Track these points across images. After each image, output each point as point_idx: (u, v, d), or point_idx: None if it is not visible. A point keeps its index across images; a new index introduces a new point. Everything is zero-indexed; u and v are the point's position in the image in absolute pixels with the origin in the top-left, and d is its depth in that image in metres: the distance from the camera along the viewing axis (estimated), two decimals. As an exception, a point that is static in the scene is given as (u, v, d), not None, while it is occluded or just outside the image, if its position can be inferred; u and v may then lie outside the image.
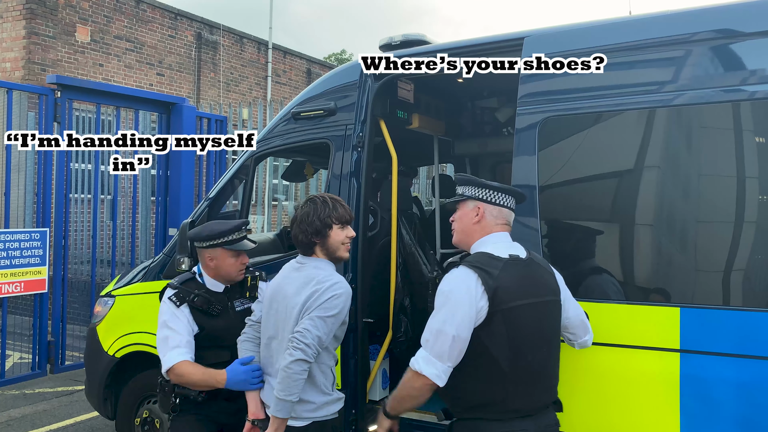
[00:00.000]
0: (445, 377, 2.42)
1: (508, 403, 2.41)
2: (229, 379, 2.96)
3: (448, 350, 2.39)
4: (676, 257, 2.97)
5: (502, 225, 2.63)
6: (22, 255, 6.54)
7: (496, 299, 2.39)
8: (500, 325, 2.40)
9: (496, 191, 2.64)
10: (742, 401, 2.69)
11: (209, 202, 4.28)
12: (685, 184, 2.98)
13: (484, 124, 5.31)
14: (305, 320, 2.72)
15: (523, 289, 2.46)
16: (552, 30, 3.41)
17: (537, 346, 2.46)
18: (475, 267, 2.44)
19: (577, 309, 2.78)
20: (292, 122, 4.12)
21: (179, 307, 3.12)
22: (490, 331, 2.40)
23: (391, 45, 4.00)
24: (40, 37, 12.18)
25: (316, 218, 2.86)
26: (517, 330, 2.42)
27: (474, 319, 2.39)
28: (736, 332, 2.71)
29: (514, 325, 2.41)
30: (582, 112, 3.16)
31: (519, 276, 2.48)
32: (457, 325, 2.38)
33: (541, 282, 2.55)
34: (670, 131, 3.02)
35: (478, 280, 2.41)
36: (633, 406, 2.90)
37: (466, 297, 2.39)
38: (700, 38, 2.96)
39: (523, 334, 2.42)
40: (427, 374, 2.41)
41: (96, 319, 4.76)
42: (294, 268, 2.93)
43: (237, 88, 16.94)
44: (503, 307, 2.40)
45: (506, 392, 2.41)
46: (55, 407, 6.15)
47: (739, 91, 2.84)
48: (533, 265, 2.57)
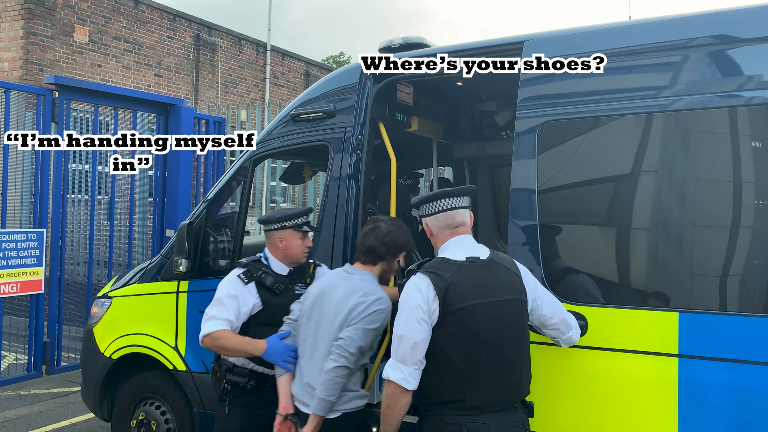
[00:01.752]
0: (413, 380, 2.49)
1: (467, 400, 2.46)
2: (267, 348, 3.15)
3: (409, 354, 2.48)
4: (674, 262, 2.97)
5: (453, 229, 2.70)
6: (19, 255, 6.52)
7: (446, 300, 2.47)
8: (452, 325, 2.48)
9: (425, 203, 2.77)
10: (740, 406, 2.69)
11: (207, 204, 4.27)
12: (683, 189, 2.98)
13: (483, 128, 5.31)
14: (350, 329, 2.92)
15: (476, 290, 2.52)
16: (552, 34, 3.41)
17: (493, 344, 2.49)
18: (428, 272, 2.55)
19: (555, 306, 2.81)
20: (291, 124, 4.12)
21: (247, 285, 3.33)
22: (443, 332, 2.49)
23: (390, 48, 4.00)
24: (38, 37, 12.16)
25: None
26: (470, 329, 2.48)
27: (429, 321, 2.49)
28: (734, 337, 2.71)
29: (467, 324, 2.48)
30: (582, 116, 3.16)
31: (473, 277, 2.54)
32: (414, 328, 2.48)
33: (499, 282, 2.59)
34: (669, 136, 3.02)
35: (430, 284, 2.51)
36: (631, 411, 2.89)
37: (420, 301, 2.49)
38: (698, 44, 2.97)
39: (476, 333, 2.48)
40: (393, 379, 2.49)
41: (93, 321, 4.74)
42: (342, 276, 3.11)
43: (235, 89, 16.92)
44: (454, 307, 2.48)
45: (464, 390, 2.47)
46: (51, 408, 6.13)
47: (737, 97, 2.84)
48: (493, 266, 2.61)
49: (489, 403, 2.48)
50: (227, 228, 4.32)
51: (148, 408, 4.39)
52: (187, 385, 4.20)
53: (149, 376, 4.44)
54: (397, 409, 2.53)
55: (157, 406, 4.38)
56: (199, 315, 4.15)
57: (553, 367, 3.08)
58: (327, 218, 3.84)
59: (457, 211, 2.70)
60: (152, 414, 4.36)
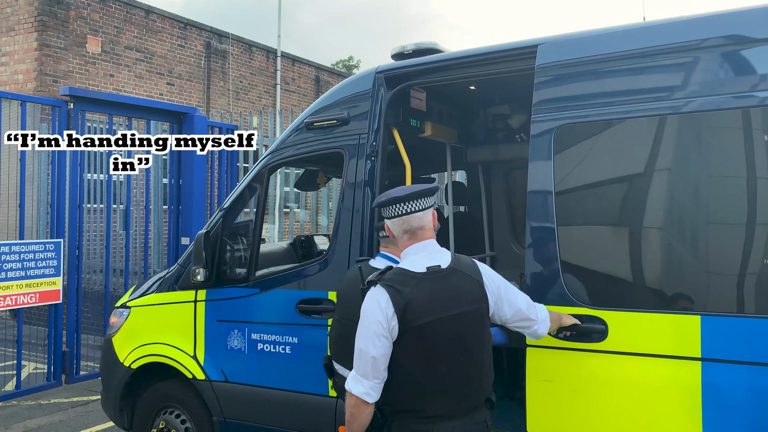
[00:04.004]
0: (375, 393, 2.49)
1: (429, 410, 2.47)
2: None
3: (371, 369, 2.47)
4: (693, 264, 2.95)
5: (411, 234, 2.62)
6: (37, 266, 6.58)
7: (405, 318, 2.44)
8: (412, 342, 2.46)
9: (383, 206, 2.67)
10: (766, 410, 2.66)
11: (224, 213, 4.30)
12: (700, 190, 2.95)
13: (497, 131, 5.30)
14: None
15: (435, 305, 2.48)
16: (566, 37, 3.40)
17: (453, 357, 2.49)
18: (387, 286, 2.49)
19: (516, 306, 2.71)
20: (305, 132, 4.13)
21: None
22: (403, 347, 2.47)
23: (403, 54, 4.00)
24: (51, 48, 12.30)
25: None
26: (430, 345, 2.47)
27: (389, 336, 2.46)
28: (758, 340, 2.68)
29: (426, 340, 2.47)
30: (597, 119, 3.15)
31: (432, 291, 2.50)
32: (374, 344, 2.46)
33: (459, 293, 2.54)
34: (690, 137, 3.00)
35: (389, 300, 2.46)
36: (654, 416, 2.87)
37: (380, 316, 2.46)
38: (712, 44, 2.95)
39: (436, 349, 2.47)
40: (356, 393, 2.49)
41: (111, 330, 4.77)
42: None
43: (246, 96, 17.01)
44: (413, 324, 2.45)
45: (425, 401, 2.47)
46: (71, 417, 6.17)
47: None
48: (454, 276, 2.55)
49: (451, 411, 2.49)
50: (243, 236, 4.34)
51: (168, 417, 4.42)
52: (207, 393, 4.22)
53: (169, 385, 4.47)
54: (361, 418, 2.53)
55: (177, 415, 4.40)
56: (217, 324, 4.21)
57: (573, 373, 3.07)
58: (343, 224, 3.84)
59: (413, 215, 2.60)
60: (172, 422, 4.38)
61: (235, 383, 4.14)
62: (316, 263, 3.97)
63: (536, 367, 3.17)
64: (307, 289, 3.92)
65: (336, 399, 3.75)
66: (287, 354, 3.94)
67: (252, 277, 4.11)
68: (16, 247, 6.39)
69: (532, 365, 3.18)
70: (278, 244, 5.90)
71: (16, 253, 6.38)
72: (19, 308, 6.55)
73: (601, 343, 3.00)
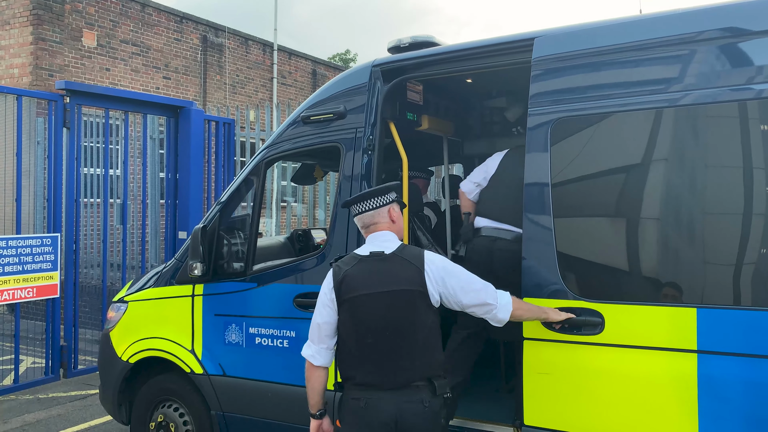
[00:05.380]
0: (320, 357, 2.92)
1: (358, 378, 2.81)
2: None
3: (316, 334, 2.93)
4: (690, 256, 2.96)
5: (367, 228, 3.02)
6: (34, 260, 6.58)
7: (341, 291, 2.85)
8: (345, 313, 2.85)
9: (347, 208, 3.13)
10: (762, 402, 2.68)
11: (221, 207, 4.29)
12: (698, 183, 2.96)
13: (493, 124, 5.30)
14: None
15: (366, 282, 2.83)
16: (562, 30, 3.39)
17: (379, 331, 2.79)
18: (335, 265, 2.95)
19: (470, 292, 2.88)
20: (301, 126, 4.12)
21: None
22: (341, 318, 2.87)
23: (399, 47, 4.00)
24: (47, 42, 12.24)
25: None
26: (358, 317, 2.82)
27: (332, 307, 2.88)
28: (754, 333, 2.70)
29: (355, 312, 2.83)
30: (594, 113, 3.15)
31: (368, 270, 2.86)
32: (319, 312, 2.93)
33: (392, 274, 2.84)
34: (686, 130, 3.00)
35: (330, 275, 2.92)
36: (650, 408, 2.89)
37: (326, 289, 2.93)
38: (708, 37, 2.95)
39: (364, 320, 2.81)
40: (304, 355, 2.96)
41: (109, 325, 4.78)
42: None
43: (243, 90, 16.97)
44: (346, 297, 2.84)
45: (357, 370, 2.83)
46: (69, 411, 6.19)
47: None
48: (393, 260, 2.87)
49: (379, 381, 2.77)
50: (240, 230, 4.33)
51: (166, 410, 4.43)
52: (204, 387, 4.22)
53: (167, 379, 4.47)
54: (312, 380, 2.94)
55: (175, 408, 4.41)
56: (215, 318, 4.22)
57: (570, 365, 3.09)
58: (340, 218, 3.85)
59: (365, 214, 3.00)
60: (171, 416, 4.40)
61: (233, 377, 4.15)
62: (313, 257, 3.98)
63: (533, 360, 3.18)
64: (304, 283, 3.93)
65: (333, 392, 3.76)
66: (285, 348, 3.94)
67: (249, 271, 4.11)
68: (13, 241, 6.39)
69: (529, 358, 3.19)
70: (275, 238, 5.90)
71: (13, 247, 6.38)
72: (16, 303, 6.54)
73: (598, 335, 3.02)
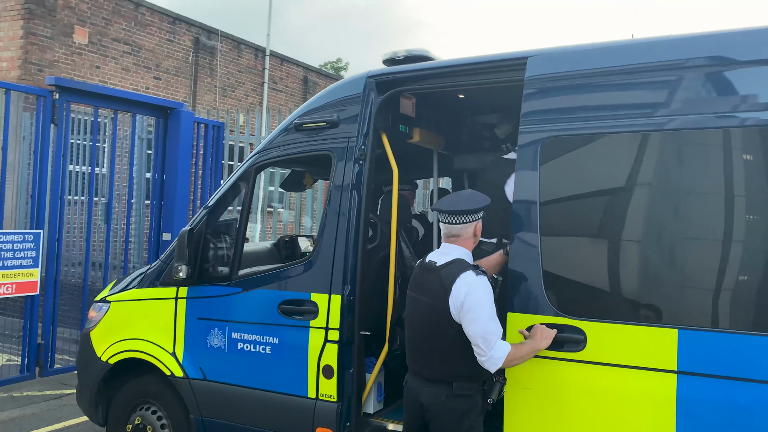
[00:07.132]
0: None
1: (407, 361, 3.29)
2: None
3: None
4: (674, 278, 3.01)
5: (448, 237, 3.26)
6: (15, 256, 6.49)
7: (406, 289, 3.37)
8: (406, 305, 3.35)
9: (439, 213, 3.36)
10: (738, 425, 2.72)
11: (208, 210, 4.29)
12: (681, 207, 3.02)
13: (484, 140, 5.35)
14: None
15: (414, 285, 3.30)
16: (555, 50, 3.45)
17: (412, 326, 3.25)
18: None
19: (472, 332, 2.97)
20: (293, 133, 4.14)
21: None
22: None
23: (394, 60, 4.03)
24: (37, 37, 12.15)
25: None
26: (407, 311, 3.32)
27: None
28: (733, 355, 2.74)
29: (407, 307, 3.32)
30: (584, 133, 3.20)
31: (419, 275, 3.30)
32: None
33: (427, 285, 3.19)
34: (671, 154, 3.06)
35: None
36: (628, 427, 2.92)
37: None
38: (696, 64, 3.01)
39: (408, 316, 3.29)
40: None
41: (90, 325, 4.73)
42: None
43: (233, 93, 16.93)
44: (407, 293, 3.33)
45: (408, 353, 3.29)
46: (44, 411, 6.10)
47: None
48: (434, 271, 3.17)
49: (411, 368, 3.24)
50: (227, 235, 4.33)
51: (144, 413, 4.39)
52: (184, 391, 4.20)
53: (146, 381, 4.44)
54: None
55: (153, 411, 4.38)
56: (198, 321, 4.20)
57: (551, 381, 3.11)
58: (329, 226, 3.86)
59: (450, 226, 3.23)
60: (148, 419, 4.36)
61: (214, 382, 4.13)
62: (300, 264, 3.98)
63: (516, 375, 3.21)
64: (289, 289, 3.93)
65: (314, 400, 3.75)
66: (267, 354, 3.94)
67: (235, 276, 4.11)
68: (-6, 236, 6.31)
69: (511, 372, 3.22)
70: (262, 244, 5.89)
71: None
72: (-6, 298, 6.46)
73: (579, 353, 3.05)
